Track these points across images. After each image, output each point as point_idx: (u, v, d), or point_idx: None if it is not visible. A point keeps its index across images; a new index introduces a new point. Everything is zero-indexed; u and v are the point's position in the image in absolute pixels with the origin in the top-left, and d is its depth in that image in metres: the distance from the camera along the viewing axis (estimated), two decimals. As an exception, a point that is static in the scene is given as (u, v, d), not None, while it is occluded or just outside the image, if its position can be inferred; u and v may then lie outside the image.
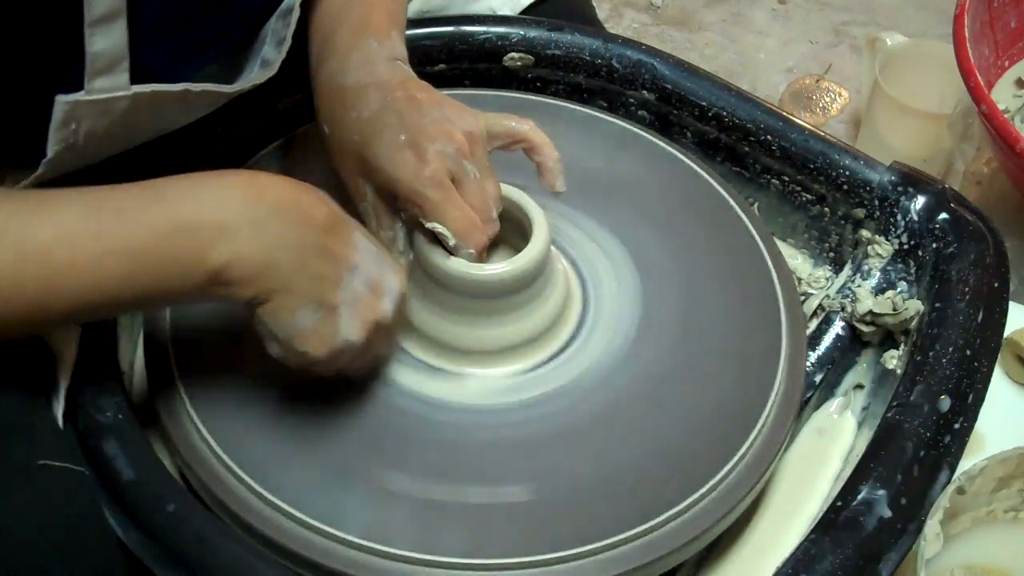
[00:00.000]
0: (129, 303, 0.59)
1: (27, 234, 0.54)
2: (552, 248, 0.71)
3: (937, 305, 0.72)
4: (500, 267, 0.68)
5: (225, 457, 0.64)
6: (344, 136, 0.68)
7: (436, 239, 0.67)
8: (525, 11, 0.95)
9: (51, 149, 0.61)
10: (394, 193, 0.67)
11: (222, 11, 0.70)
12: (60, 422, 0.63)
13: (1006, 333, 0.72)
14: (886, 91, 1.22)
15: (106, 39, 0.59)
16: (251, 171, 0.61)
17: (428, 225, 0.66)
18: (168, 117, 0.69)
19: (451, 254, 0.67)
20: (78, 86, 0.60)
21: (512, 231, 0.72)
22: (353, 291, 0.60)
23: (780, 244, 0.84)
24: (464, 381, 0.70)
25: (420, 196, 0.65)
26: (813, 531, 0.61)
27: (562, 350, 0.72)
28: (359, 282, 0.60)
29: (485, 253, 0.68)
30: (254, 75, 0.73)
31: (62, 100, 0.59)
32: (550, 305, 0.71)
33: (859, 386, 0.79)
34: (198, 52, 0.71)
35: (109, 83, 0.61)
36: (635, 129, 0.86)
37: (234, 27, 0.73)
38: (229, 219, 0.57)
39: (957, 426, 0.65)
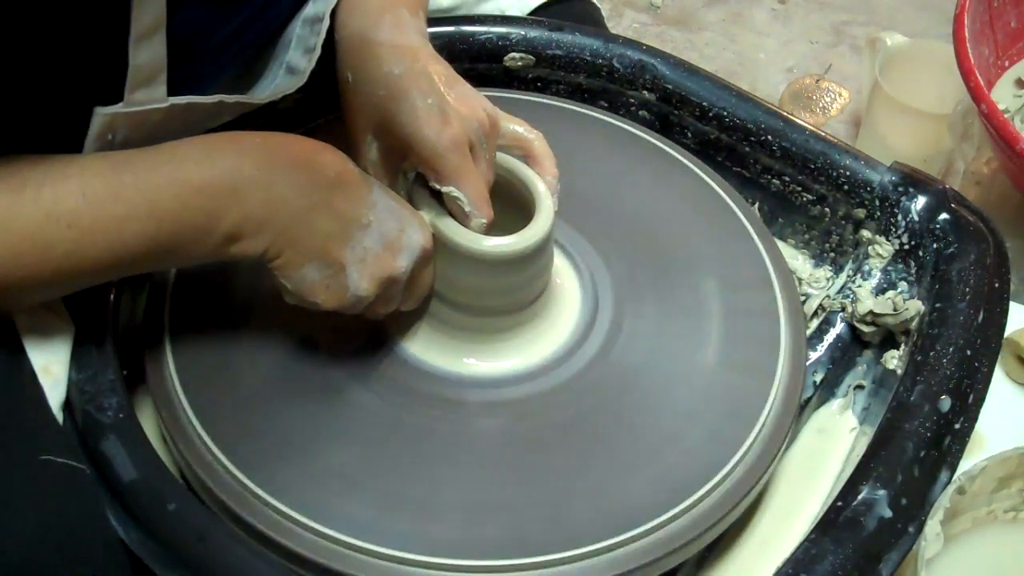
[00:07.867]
0: (153, 261, 0.61)
1: (57, 198, 0.56)
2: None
3: (938, 305, 0.72)
4: (511, 239, 0.66)
5: (224, 458, 0.64)
6: (369, 89, 0.67)
7: (444, 208, 0.66)
8: (533, 13, 0.95)
9: None
10: (412, 152, 0.66)
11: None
12: (60, 419, 0.63)
13: (1006, 333, 0.72)
14: (886, 91, 1.21)
15: (148, 52, 0.60)
16: (267, 132, 0.63)
17: (444, 189, 0.65)
18: (198, 125, 0.70)
19: (461, 224, 0.66)
20: (116, 98, 0.61)
21: (509, 206, 0.70)
22: (364, 249, 0.62)
23: (780, 244, 0.84)
24: (462, 378, 0.70)
25: (441, 158, 0.65)
26: (813, 531, 0.61)
27: (561, 349, 0.71)
28: (372, 240, 0.63)
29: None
30: (279, 82, 0.73)
31: (101, 112, 0.60)
32: (549, 301, 0.71)
33: (859, 386, 0.79)
34: (223, 51, 0.71)
35: (147, 95, 0.62)
36: (634, 130, 0.86)
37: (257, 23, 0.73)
38: (240, 182, 0.59)
39: (957, 426, 0.65)
